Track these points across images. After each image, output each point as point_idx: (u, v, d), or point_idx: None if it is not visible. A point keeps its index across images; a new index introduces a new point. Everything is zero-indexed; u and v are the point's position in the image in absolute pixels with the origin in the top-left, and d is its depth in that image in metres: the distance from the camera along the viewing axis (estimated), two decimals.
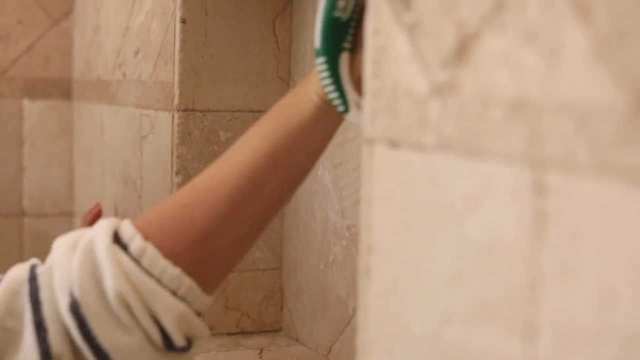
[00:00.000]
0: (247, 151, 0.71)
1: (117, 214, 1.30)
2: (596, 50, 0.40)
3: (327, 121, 0.72)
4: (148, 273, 0.67)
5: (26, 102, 1.66)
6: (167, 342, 0.68)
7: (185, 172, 1.05)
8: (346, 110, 0.71)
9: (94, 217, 1.26)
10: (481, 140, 0.47)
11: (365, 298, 0.60)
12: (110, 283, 0.66)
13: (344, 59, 0.72)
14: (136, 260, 0.67)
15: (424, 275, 0.53)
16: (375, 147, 0.58)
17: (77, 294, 0.66)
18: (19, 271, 0.71)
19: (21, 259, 1.70)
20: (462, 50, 0.48)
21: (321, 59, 0.72)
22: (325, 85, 0.71)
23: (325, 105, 0.71)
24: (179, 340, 0.68)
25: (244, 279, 1.10)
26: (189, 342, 0.70)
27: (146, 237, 0.68)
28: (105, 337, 0.66)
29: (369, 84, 0.58)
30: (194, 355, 0.73)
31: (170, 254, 0.68)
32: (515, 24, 0.44)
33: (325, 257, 1.02)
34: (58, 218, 1.70)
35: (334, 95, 0.71)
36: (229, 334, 1.10)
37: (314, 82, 0.72)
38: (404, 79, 0.54)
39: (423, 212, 0.53)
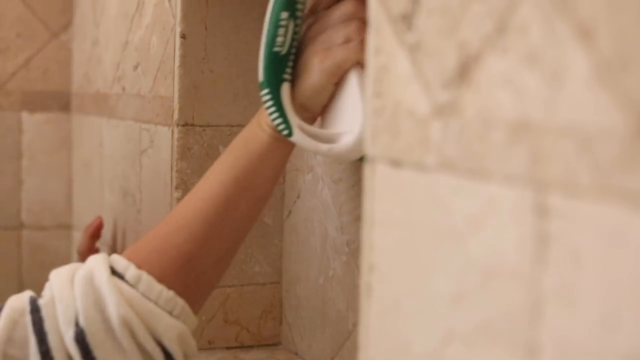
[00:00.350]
0: (214, 180, 0.81)
1: (116, 227, 1.30)
2: (598, 74, 0.40)
3: (280, 146, 0.82)
4: (146, 297, 0.76)
5: (25, 115, 1.66)
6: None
7: (185, 186, 1.05)
8: (290, 134, 0.80)
9: (95, 230, 1.27)
10: (483, 161, 0.47)
11: (366, 316, 0.60)
12: (114, 310, 0.73)
13: (285, 88, 0.82)
14: (134, 287, 0.75)
15: (425, 294, 0.53)
16: (377, 166, 0.58)
17: (82, 323, 0.73)
18: (18, 302, 0.79)
19: (20, 271, 1.70)
20: (463, 72, 0.49)
21: (265, 91, 0.81)
22: (270, 114, 0.81)
23: (276, 134, 0.81)
24: (179, 358, 0.76)
25: (243, 293, 1.10)
26: None
27: (138, 267, 0.77)
28: None
29: (370, 103, 0.58)
30: None
31: (162, 279, 0.76)
32: (517, 46, 0.45)
33: (325, 272, 1.02)
34: (56, 230, 1.70)
35: (279, 121, 0.80)
36: (228, 348, 1.10)
37: (264, 114, 0.82)
38: (405, 99, 0.54)
39: (424, 231, 0.53)
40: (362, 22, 0.80)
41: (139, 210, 1.20)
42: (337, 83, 0.80)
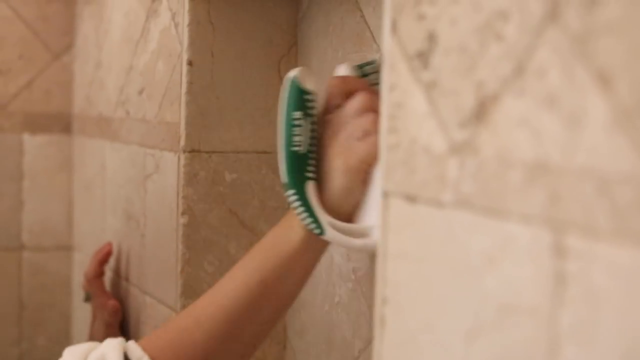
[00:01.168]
0: (240, 280, 0.78)
1: (120, 251, 1.31)
2: (617, 119, 0.41)
3: (311, 247, 0.80)
4: None
5: (26, 137, 1.67)
6: None
7: (191, 212, 1.05)
8: (322, 232, 0.78)
9: (104, 257, 1.28)
10: (500, 200, 0.48)
11: (379, 347, 0.60)
12: None
13: (310, 187, 0.80)
14: None
15: (441, 327, 0.54)
16: (391, 201, 0.59)
17: None
18: None
19: (20, 292, 1.71)
20: (480, 111, 0.50)
21: (290, 192, 0.80)
22: (299, 214, 0.79)
23: (307, 234, 0.79)
24: None
25: None
26: None
27: (153, 359, 0.74)
28: None
29: (384, 138, 0.59)
30: None
31: None
32: (535, 88, 0.46)
33: (331, 299, 1.02)
34: (57, 252, 1.71)
35: (309, 220, 0.78)
36: None
37: (293, 215, 0.80)
38: (421, 136, 0.55)
39: (440, 266, 0.54)
40: (376, 114, 0.79)
41: (143, 235, 1.21)
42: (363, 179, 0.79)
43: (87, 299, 1.32)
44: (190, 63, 1.04)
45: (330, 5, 1.02)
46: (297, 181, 0.80)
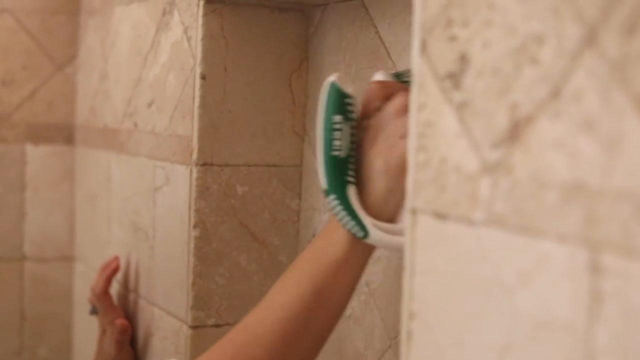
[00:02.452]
0: (292, 292, 0.78)
1: (129, 263, 1.31)
2: None
3: (357, 252, 0.79)
4: None
5: (29, 147, 1.67)
6: None
7: (203, 225, 1.06)
8: (366, 235, 0.77)
9: (112, 272, 1.28)
10: (534, 219, 0.49)
11: None
12: None
13: (351, 191, 0.79)
14: None
15: (472, 343, 0.55)
16: (419, 218, 0.60)
17: None
18: None
19: (21, 302, 1.71)
20: (514, 133, 0.51)
21: (331, 197, 0.79)
22: (341, 219, 0.78)
23: (352, 239, 0.79)
24: None
25: None
26: None
27: None
28: None
29: (413, 156, 0.61)
30: None
31: None
32: (571, 111, 0.47)
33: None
34: (59, 263, 1.71)
35: (352, 224, 0.78)
36: None
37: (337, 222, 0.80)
38: (452, 155, 0.56)
39: (470, 282, 0.55)
40: None
41: (152, 247, 1.22)
42: None
43: (94, 312, 1.33)
44: (203, 77, 1.05)
45: (343, 20, 1.03)
46: (338, 186, 0.79)
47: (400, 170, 0.76)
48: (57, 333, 1.72)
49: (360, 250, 0.79)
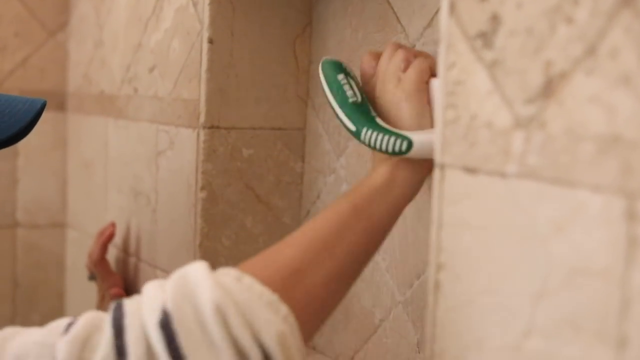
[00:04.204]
0: (330, 209, 0.78)
1: (129, 228, 1.33)
2: None
3: (400, 181, 0.80)
4: (247, 290, 0.67)
5: None
6: None
7: (210, 187, 1.08)
8: (410, 145, 0.78)
9: (108, 238, 1.29)
10: (569, 171, 0.52)
11: (433, 312, 0.64)
12: (207, 295, 0.65)
13: (380, 120, 0.83)
14: (233, 282, 0.67)
15: (503, 291, 0.57)
16: (447, 173, 0.62)
17: (169, 308, 0.65)
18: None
19: (14, 269, 1.72)
20: (548, 89, 0.53)
21: (364, 130, 0.81)
22: (381, 142, 0.79)
23: (394, 167, 0.80)
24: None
25: None
26: None
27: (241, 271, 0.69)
28: (195, 355, 0.63)
29: (441, 113, 0.63)
30: None
31: (267, 283, 0.68)
32: (608, 68, 0.49)
33: None
34: (51, 229, 1.72)
35: (393, 140, 0.79)
36: None
37: (375, 161, 0.83)
38: (482, 112, 0.59)
39: (502, 233, 0.57)
40: (405, 49, 0.85)
41: (155, 210, 1.23)
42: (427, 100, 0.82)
43: (92, 278, 1.34)
44: (211, 41, 1.06)
45: None
46: (367, 121, 0.82)
47: (419, 92, 0.81)
48: (49, 300, 1.74)
49: (400, 177, 0.80)
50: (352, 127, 0.82)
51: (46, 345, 0.66)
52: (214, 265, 1.09)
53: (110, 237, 1.30)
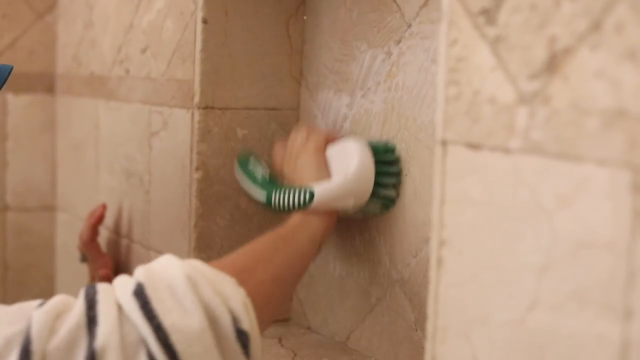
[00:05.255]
0: (261, 237, 0.90)
1: (120, 209, 1.33)
2: None
3: (311, 221, 0.94)
4: (213, 269, 0.76)
5: (10, 97, 1.67)
6: (237, 327, 0.71)
7: (205, 168, 1.08)
8: (312, 194, 0.94)
9: (98, 219, 1.29)
10: (574, 146, 0.52)
11: (436, 288, 0.65)
12: (178, 269, 0.72)
13: (286, 185, 0.99)
14: (201, 263, 0.77)
15: (508, 266, 0.58)
16: (449, 149, 0.63)
17: (143, 280, 0.71)
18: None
19: (4, 252, 1.71)
20: (552, 64, 0.54)
21: (275, 195, 0.96)
22: (290, 197, 0.95)
23: (304, 215, 0.94)
24: (246, 325, 0.72)
25: None
26: (248, 346, 0.73)
27: None
28: (167, 316, 0.69)
29: (443, 90, 0.63)
30: None
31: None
32: (613, 43, 0.50)
33: (344, 249, 1.06)
34: (41, 212, 1.72)
35: (298, 192, 0.94)
36: None
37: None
38: (486, 88, 0.59)
39: (506, 208, 0.58)
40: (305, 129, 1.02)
41: (148, 191, 1.23)
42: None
43: (83, 259, 1.34)
44: (205, 21, 1.06)
45: None
46: (275, 187, 0.97)
47: (318, 155, 0.99)
48: (39, 282, 1.73)
49: (311, 220, 0.93)
50: (263, 197, 0.98)
51: (21, 312, 0.70)
52: (209, 245, 1.10)
53: (101, 218, 1.30)
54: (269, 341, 1.08)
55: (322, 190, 0.94)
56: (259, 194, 0.99)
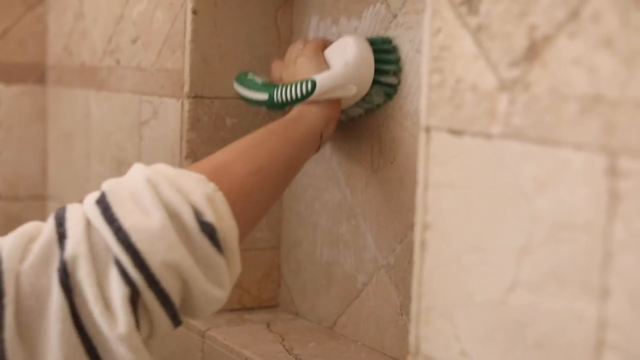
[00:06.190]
0: (251, 133, 0.91)
1: None
2: None
3: (308, 115, 0.95)
4: (176, 170, 0.77)
5: (1, 87, 1.68)
6: (200, 220, 0.72)
7: (195, 156, 1.10)
8: (314, 83, 0.95)
9: None
10: (553, 131, 0.54)
11: (419, 270, 0.66)
12: (139, 174, 0.75)
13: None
14: (165, 166, 0.78)
15: (489, 248, 0.60)
16: (433, 135, 0.65)
17: (105, 189, 0.74)
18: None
19: None
20: (532, 52, 0.56)
21: (275, 91, 0.99)
22: (291, 89, 0.97)
23: (302, 107, 0.96)
24: (210, 217, 0.73)
25: (245, 258, 1.14)
26: (215, 238, 0.73)
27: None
28: (127, 219, 0.70)
29: (427, 78, 0.65)
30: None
31: (197, 172, 0.78)
32: (591, 31, 0.52)
33: (330, 235, 1.08)
34: (31, 202, 1.73)
35: (300, 83, 0.96)
36: (231, 310, 1.15)
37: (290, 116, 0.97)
38: (468, 75, 0.61)
39: (487, 192, 0.60)
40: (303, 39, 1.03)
41: None
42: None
43: None
44: (194, 12, 1.07)
45: None
46: (276, 86, 0.98)
47: (317, 54, 1.00)
48: None
49: (310, 111, 0.95)
50: (265, 96, 0.99)
51: None
52: None
53: None
54: (257, 326, 1.10)
55: (323, 78, 0.95)
56: (261, 96, 1.01)
